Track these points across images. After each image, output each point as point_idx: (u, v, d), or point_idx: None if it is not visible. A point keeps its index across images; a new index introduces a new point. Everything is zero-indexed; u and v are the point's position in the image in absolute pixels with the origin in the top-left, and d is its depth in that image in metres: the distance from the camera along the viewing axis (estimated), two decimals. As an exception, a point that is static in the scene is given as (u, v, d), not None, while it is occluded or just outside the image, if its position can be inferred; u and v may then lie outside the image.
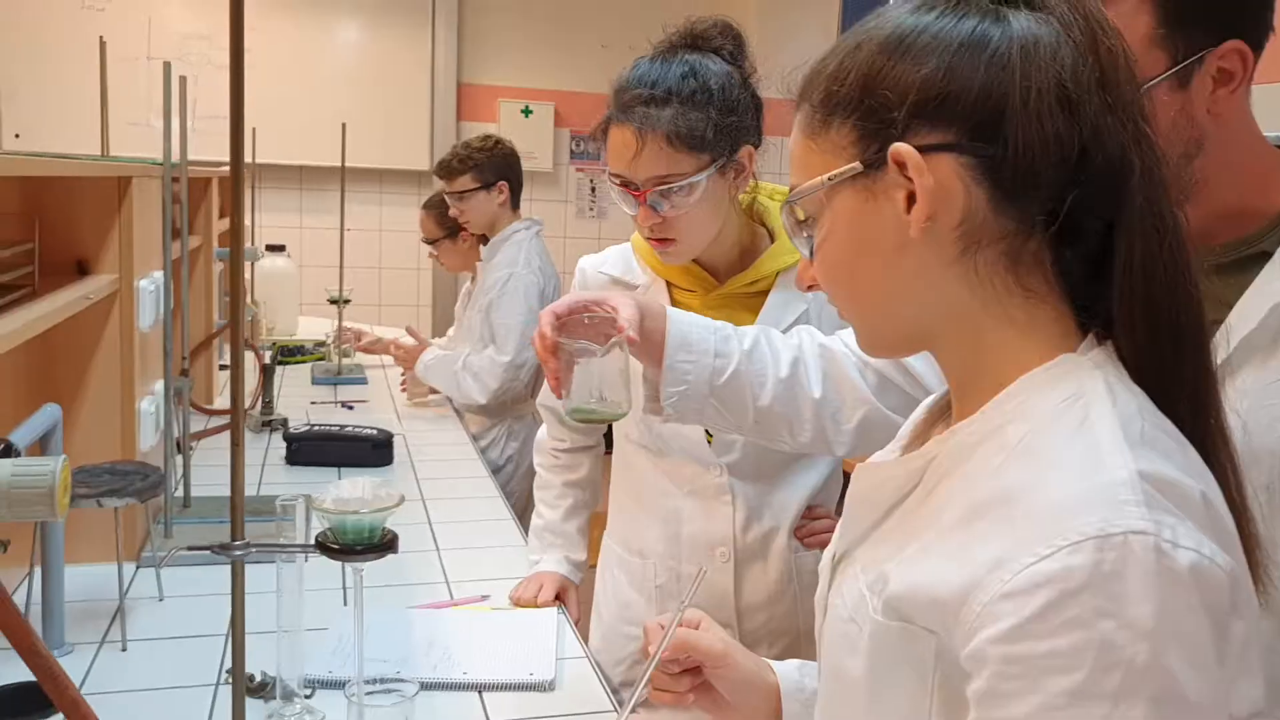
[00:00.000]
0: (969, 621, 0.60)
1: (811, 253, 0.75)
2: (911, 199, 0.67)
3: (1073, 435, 0.62)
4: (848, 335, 1.25)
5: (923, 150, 0.66)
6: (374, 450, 2.26)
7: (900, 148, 0.66)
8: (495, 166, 2.86)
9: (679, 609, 0.96)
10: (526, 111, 5.05)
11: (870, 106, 0.68)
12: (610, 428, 1.64)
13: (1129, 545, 0.56)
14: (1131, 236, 0.65)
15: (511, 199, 2.89)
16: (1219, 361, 0.71)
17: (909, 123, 0.67)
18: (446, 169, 2.88)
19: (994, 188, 0.66)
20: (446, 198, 2.92)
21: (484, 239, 2.95)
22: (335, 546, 1.01)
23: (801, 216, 0.75)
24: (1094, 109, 0.65)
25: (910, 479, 0.72)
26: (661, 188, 1.31)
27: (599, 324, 1.14)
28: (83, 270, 1.59)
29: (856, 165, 0.69)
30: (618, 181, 1.35)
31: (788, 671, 0.98)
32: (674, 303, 1.45)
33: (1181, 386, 0.67)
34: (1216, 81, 0.87)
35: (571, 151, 5.21)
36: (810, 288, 0.78)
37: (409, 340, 2.99)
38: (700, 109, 1.29)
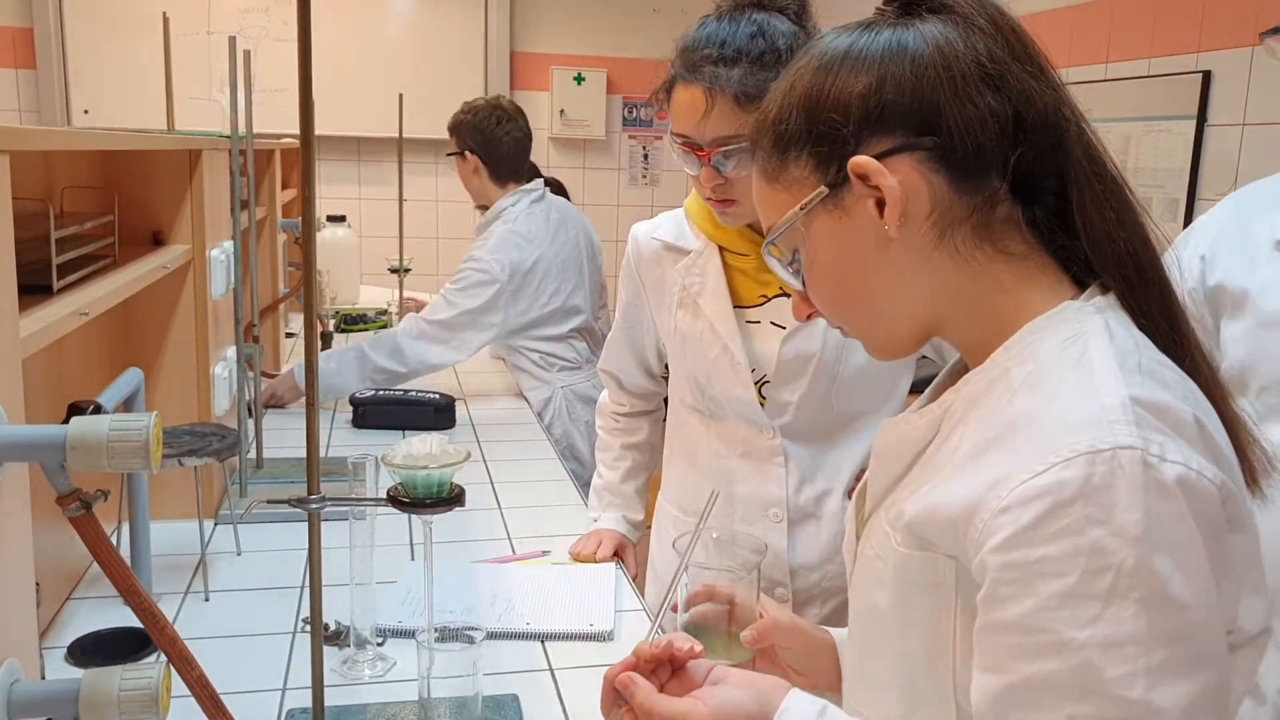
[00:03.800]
0: (974, 538, 0.65)
1: (804, 283, 0.81)
2: (881, 204, 0.73)
3: (1071, 369, 0.67)
4: None
5: (878, 158, 0.72)
6: (437, 414, 2.33)
7: (858, 160, 0.73)
8: (467, 134, 2.57)
9: (695, 530, 0.99)
10: (579, 79, 5.05)
11: (820, 133, 0.75)
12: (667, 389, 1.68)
13: (1118, 459, 0.60)
14: (1080, 184, 0.72)
15: (493, 174, 2.58)
16: None
17: (859, 136, 0.73)
18: (449, 127, 2.66)
19: (950, 172, 0.72)
20: None
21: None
22: (406, 500, 1.06)
23: (785, 255, 0.81)
24: (1016, 78, 0.71)
25: (929, 429, 0.76)
26: (727, 148, 1.31)
27: None
28: (158, 241, 1.66)
29: (823, 190, 0.75)
30: (681, 141, 1.35)
31: (843, 635, 1.01)
32: (726, 267, 1.47)
33: (1152, 307, 0.73)
34: None
35: (624, 118, 5.20)
36: (809, 317, 0.83)
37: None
38: (769, 69, 1.29)
